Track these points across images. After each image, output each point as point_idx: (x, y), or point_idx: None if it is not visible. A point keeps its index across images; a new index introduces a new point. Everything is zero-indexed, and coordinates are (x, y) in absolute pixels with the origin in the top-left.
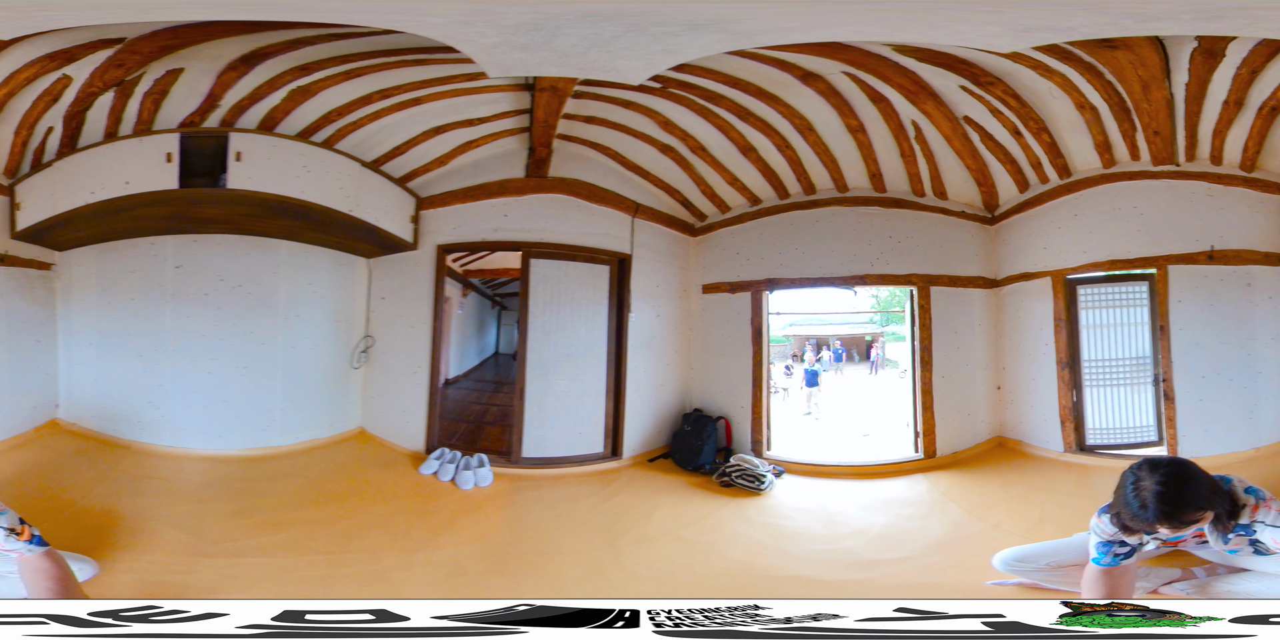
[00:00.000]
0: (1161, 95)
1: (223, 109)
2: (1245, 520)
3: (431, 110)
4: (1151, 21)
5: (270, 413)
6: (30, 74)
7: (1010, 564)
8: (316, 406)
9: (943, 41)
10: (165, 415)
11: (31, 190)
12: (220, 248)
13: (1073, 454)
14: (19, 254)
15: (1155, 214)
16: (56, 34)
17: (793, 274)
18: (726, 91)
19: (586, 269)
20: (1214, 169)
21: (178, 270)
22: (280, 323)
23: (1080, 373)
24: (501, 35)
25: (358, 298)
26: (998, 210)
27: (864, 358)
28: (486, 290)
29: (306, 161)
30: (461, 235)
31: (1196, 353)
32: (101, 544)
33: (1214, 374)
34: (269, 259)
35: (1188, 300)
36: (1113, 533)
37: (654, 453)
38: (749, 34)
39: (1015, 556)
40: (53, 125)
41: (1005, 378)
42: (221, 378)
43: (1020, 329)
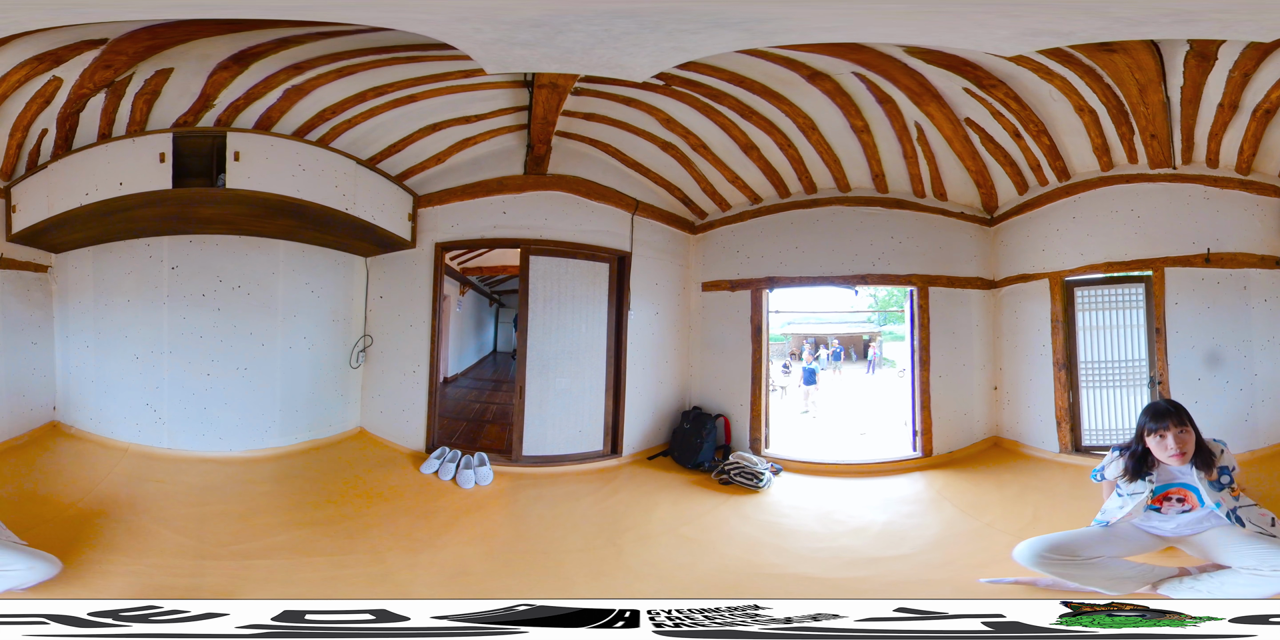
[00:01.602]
0: (1158, 98)
1: (218, 109)
2: (1222, 463)
3: (427, 107)
4: (1139, 26)
5: (269, 413)
6: (20, 76)
7: (1041, 556)
8: (316, 407)
9: (958, 45)
10: (163, 417)
11: (27, 192)
12: (217, 248)
13: (1068, 455)
14: (15, 256)
15: (1152, 216)
16: (39, 35)
17: (793, 272)
18: (730, 89)
19: (586, 266)
20: (1210, 172)
21: (174, 271)
22: (279, 323)
23: (1077, 374)
24: (500, 31)
25: (356, 297)
26: (997, 212)
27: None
28: (484, 288)
29: (302, 160)
30: (460, 233)
31: (1192, 355)
32: (102, 547)
33: (1209, 376)
34: (267, 259)
35: (1184, 302)
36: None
37: (653, 450)
38: (770, 33)
39: (1048, 547)
40: (46, 127)
41: (1002, 378)
42: (220, 379)
43: (1018, 330)
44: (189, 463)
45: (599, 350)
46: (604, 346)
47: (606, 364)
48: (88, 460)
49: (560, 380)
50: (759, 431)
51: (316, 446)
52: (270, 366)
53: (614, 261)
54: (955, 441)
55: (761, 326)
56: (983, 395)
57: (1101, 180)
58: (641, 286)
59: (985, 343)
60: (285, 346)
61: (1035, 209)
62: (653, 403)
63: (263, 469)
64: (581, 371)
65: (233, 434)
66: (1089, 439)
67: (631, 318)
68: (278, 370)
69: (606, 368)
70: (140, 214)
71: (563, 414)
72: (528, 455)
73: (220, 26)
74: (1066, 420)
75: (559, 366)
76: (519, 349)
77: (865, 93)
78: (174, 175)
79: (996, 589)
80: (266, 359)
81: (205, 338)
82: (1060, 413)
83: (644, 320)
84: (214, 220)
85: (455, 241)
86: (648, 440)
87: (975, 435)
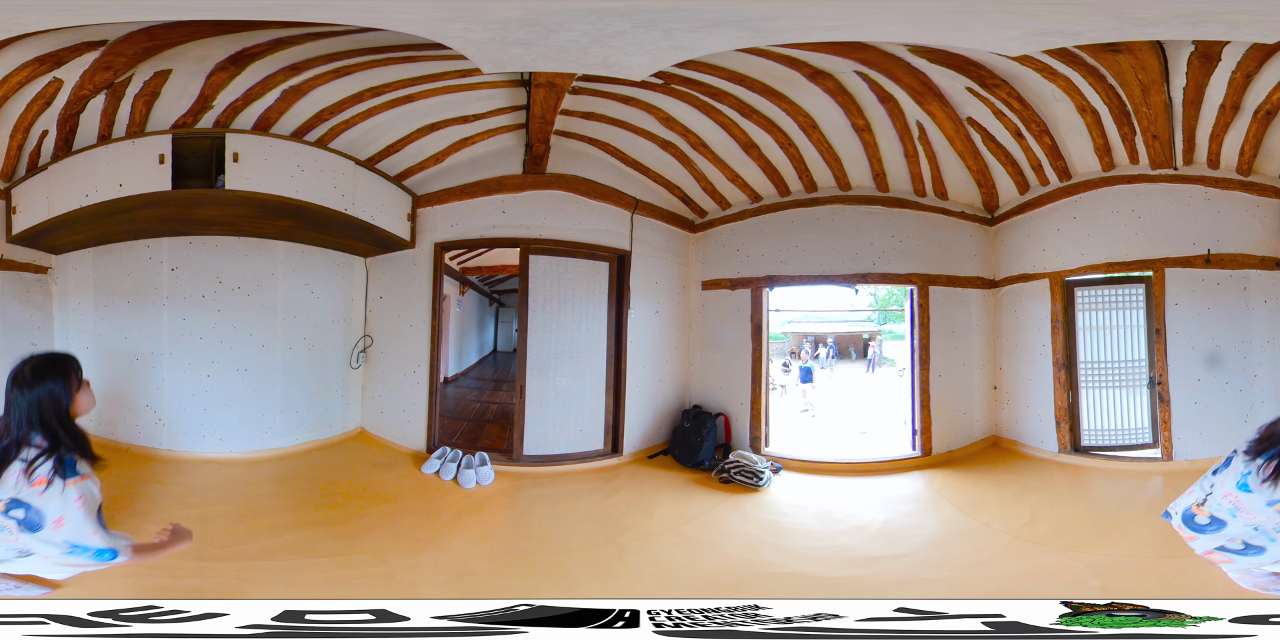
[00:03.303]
0: (1160, 99)
1: (216, 110)
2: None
3: (425, 107)
4: (1148, 26)
5: (270, 414)
6: (22, 77)
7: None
8: (316, 407)
9: (964, 44)
10: (163, 418)
11: (27, 193)
12: (217, 249)
13: (1067, 455)
14: (15, 257)
15: (1153, 217)
16: (39, 36)
17: (793, 271)
18: (731, 88)
19: (586, 265)
20: (1211, 173)
21: (174, 272)
22: (278, 324)
23: (1076, 374)
24: (491, 31)
25: (356, 297)
26: (998, 211)
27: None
28: (484, 288)
29: (301, 161)
30: (459, 233)
31: (1192, 356)
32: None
33: (1209, 377)
34: (266, 260)
35: (1184, 303)
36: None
37: (654, 449)
38: (772, 31)
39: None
40: (47, 128)
41: (1002, 378)
42: (220, 380)
43: (1018, 330)
44: (189, 464)
45: (599, 349)
46: (604, 345)
47: (607, 363)
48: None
49: (561, 379)
50: (759, 430)
51: (317, 447)
52: (270, 367)
53: (614, 260)
54: (954, 441)
55: (761, 325)
56: (982, 395)
57: (1103, 180)
58: (641, 285)
59: (985, 342)
60: (285, 347)
61: (1036, 209)
62: (653, 402)
63: (263, 470)
64: (582, 371)
65: (233, 435)
66: (1088, 439)
67: (631, 317)
68: (278, 371)
69: (607, 367)
70: (140, 215)
71: (563, 413)
72: (529, 455)
73: (216, 28)
74: (1066, 420)
75: (559, 366)
76: (519, 348)
77: (867, 91)
78: (173, 176)
79: (996, 588)
80: (267, 360)
81: (205, 339)
82: (1059, 413)
83: (644, 319)
84: (213, 221)
85: (455, 241)
86: (648, 439)
87: (974, 435)
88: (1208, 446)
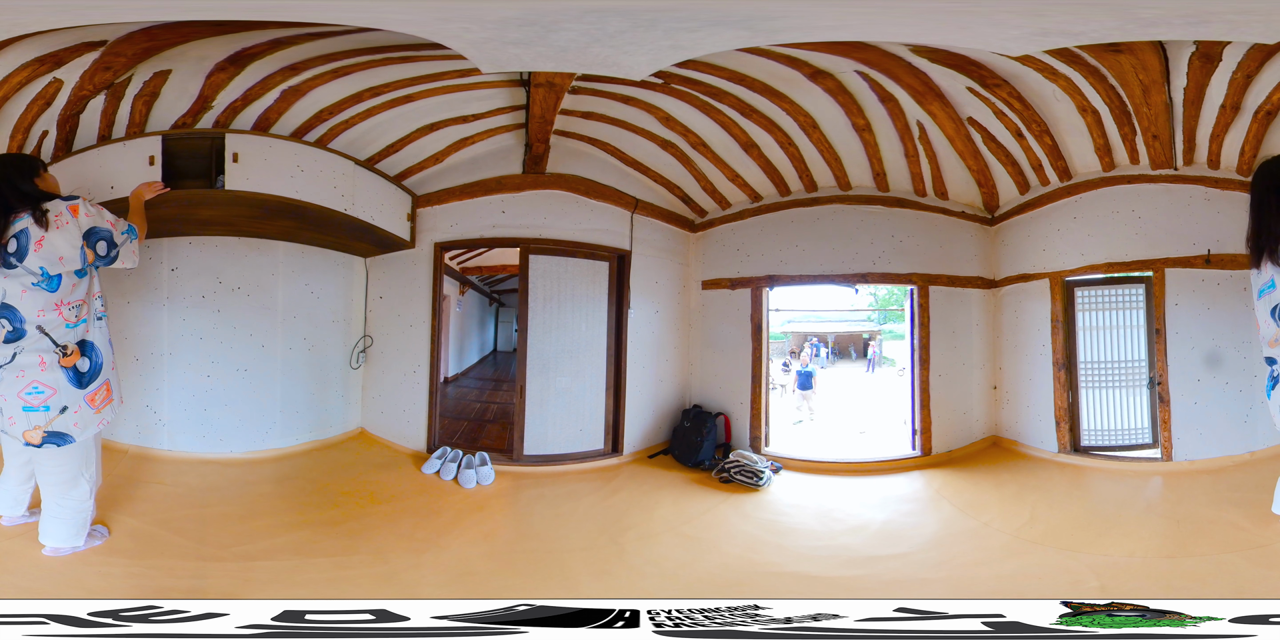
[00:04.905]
0: (1161, 99)
1: (216, 110)
2: None
3: (424, 107)
4: (1151, 26)
5: (270, 415)
6: (22, 78)
7: None
8: (316, 407)
9: (967, 44)
10: (163, 418)
11: None
12: (217, 249)
13: (1067, 455)
14: None
15: (1153, 217)
16: (41, 37)
17: (793, 271)
18: (731, 88)
19: (586, 265)
20: (1211, 173)
21: (174, 273)
22: (278, 324)
23: (1076, 374)
24: (489, 31)
25: (356, 297)
26: (998, 211)
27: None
28: (484, 287)
29: (300, 161)
30: (459, 232)
31: (1192, 356)
32: (102, 549)
33: (1209, 377)
34: (266, 260)
35: (1184, 303)
36: None
37: (654, 449)
38: (773, 31)
39: None
40: (47, 129)
41: (1002, 378)
42: (220, 380)
43: (1018, 329)
44: (189, 464)
45: (599, 349)
46: (604, 345)
47: (607, 363)
48: None
49: (561, 379)
50: (759, 430)
51: (317, 447)
52: (270, 367)
53: (614, 260)
54: (954, 440)
55: (762, 325)
56: (982, 394)
57: (1103, 180)
58: (641, 285)
59: (985, 342)
60: (285, 347)
61: (1036, 209)
62: (653, 401)
63: (264, 470)
64: (582, 370)
65: (233, 435)
66: (1088, 439)
67: (631, 316)
68: (278, 371)
69: (607, 366)
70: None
71: (563, 413)
72: (529, 454)
73: (215, 28)
74: (1065, 420)
75: (559, 366)
76: (519, 348)
77: (867, 91)
78: (170, 177)
79: (996, 588)
80: (267, 360)
81: (205, 339)
82: (1059, 413)
83: (644, 319)
84: (213, 222)
85: (454, 241)
86: (648, 439)
87: (974, 434)
88: (1208, 447)
